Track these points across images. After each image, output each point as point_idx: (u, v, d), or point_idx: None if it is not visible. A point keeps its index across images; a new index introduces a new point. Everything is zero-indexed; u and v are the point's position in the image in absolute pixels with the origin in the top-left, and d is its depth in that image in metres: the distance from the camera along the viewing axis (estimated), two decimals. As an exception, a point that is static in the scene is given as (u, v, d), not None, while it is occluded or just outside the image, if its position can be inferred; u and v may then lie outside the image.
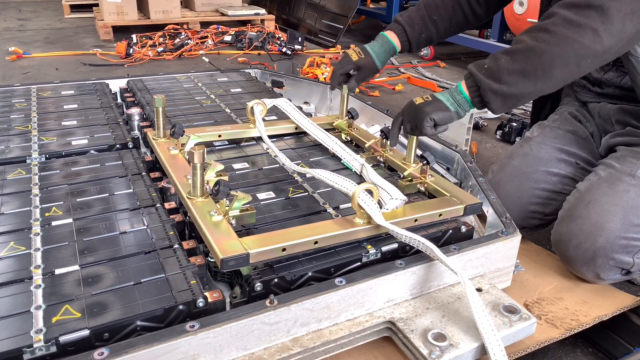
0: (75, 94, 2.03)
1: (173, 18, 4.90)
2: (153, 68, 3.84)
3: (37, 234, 1.11)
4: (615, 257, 1.27)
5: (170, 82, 2.22)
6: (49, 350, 0.83)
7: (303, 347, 0.95)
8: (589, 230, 1.28)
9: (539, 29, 1.15)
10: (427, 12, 1.62)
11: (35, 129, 1.66)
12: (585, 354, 1.29)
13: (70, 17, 5.83)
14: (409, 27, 1.62)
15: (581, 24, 1.10)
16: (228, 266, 0.98)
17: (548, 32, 1.13)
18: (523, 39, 1.17)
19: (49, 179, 1.35)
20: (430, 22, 1.63)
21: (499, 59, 1.18)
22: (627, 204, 1.29)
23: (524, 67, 1.15)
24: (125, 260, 1.04)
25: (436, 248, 1.03)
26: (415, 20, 1.63)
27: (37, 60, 4.03)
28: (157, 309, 0.91)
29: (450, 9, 1.62)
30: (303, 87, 2.35)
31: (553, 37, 1.12)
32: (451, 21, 1.64)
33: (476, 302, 0.96)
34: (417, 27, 1.63)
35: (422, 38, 1.65)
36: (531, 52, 1.15)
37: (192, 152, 1.10)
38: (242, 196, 1.11)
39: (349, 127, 1.70)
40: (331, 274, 1.06)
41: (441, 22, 1.63)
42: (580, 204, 1.35)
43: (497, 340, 0.92)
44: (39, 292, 0.93)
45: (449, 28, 1.65)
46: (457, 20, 1.64)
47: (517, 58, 1.16)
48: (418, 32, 1.63)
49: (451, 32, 1.67)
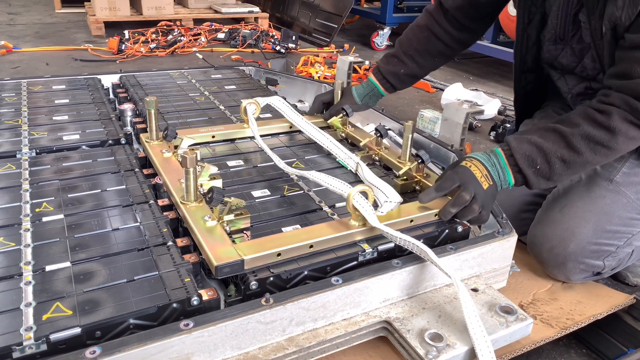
0: (66, 88, 2.00)
1: (166, 14, 4.86)
2: (145, 64, 3.80)
3: (28, 230, 1.08)
4: (586, 261, 1.29)
5: (164, 78, 2.19)
6: (39, 348, 0.81)
7: (298, 347, 0.94)
8: (561, 235, 1.30)
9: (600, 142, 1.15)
10: (402, 49, 1.63)
11: (26, 123, 1.63)
12: (579, 355, 1.30)
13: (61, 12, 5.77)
14: (385, 65, 1.65)
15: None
16: (222, 273, 0.97)
17: (609, 149, 1.16)
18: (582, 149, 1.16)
19: (39, 174, 1.32)
20: (407, 57, 1.62)
21: (553, 163, 1.17)
22: (601, 210, 1.30)
23: (576, 172, 1.21)
24: (117, 257, 1.02)
25: (430, 251, 1.02)
26: (390, 60, 1.65)
27: (27, 54, 3.98)
28: (151, 307, 0.89)
29: (425, 41, 1.61)
30: (297, 85, 2.34)
31: (611, 153, 1.17)
32: (431, 53, 1.62)
33: (469, 306, 0.95)
34: (392, 66, 1.64)
35: (402, 75, 1.64)
36: (588, 165, 1.19)
37: (185, 156, 1.09)
38: (235, 202, 1.09)
39: (344, 125, 1.69)
40: (327, 272, 1.05)
41: (419, 56, 1.62)
42: (556, 207, 1.36)
43: (488, 346, 0.91)
44: (29, 289, 0.91)
45: (430, 60, 1.64)
46: (438, 50, 1.62)
47: (572, 167, 1.18)
48: (394, 71, 1.64)
49: (437, 62, 1.67)
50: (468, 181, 1.16)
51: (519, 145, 1.19)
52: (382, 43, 4.82)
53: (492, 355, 0.90)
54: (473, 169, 1.18)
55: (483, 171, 1.18)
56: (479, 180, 1.17)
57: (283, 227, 1.16)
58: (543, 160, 1.18)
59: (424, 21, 1.62)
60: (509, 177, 1.20)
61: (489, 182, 1.18)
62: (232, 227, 1.10)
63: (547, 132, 1.20)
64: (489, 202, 1.18)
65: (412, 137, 1.40)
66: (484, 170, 1.18)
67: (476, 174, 1.17)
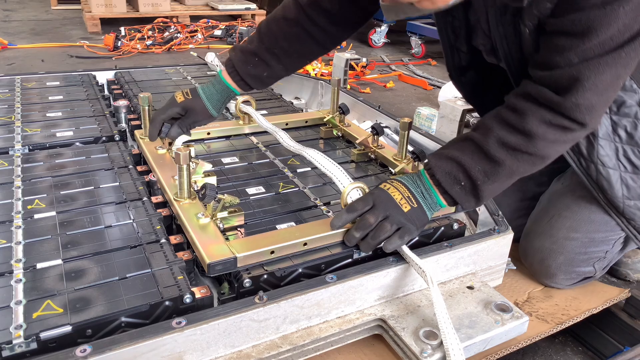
0: (60, 85, 1.99)
1: (162, 11, 4.84)
2: (141, 61, 3.78)
3: (19, 227, 1.07)
4: (577, 270, 1.28)
5: (159, 74, 2.18)
6: (29, 346, 0.80)
7: (292, 345, 0.93)
8: (550, 247, 1.28)
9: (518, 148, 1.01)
10: (265, 44, 1.33)
11: (19, 120, 1.62)
12: (575, 353, 1.29)
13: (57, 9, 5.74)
14: (243, 65, 1.34)
15: (564, 141, 1.04)
16: (215, 270, 0.96)
17: (532, 155, 1.02)
18: (501, 158, 1.02)
19: (32, 171, 1.31)
20: (272, 57, 1.33)
21: (475, 178, 1.04)
22: (587, 218, 1.27)
23: (504, 183, 1.07)
24: (110, 254, 1.01)
25: (407, 249, 1.04)
26: (249, 58, 1.33)
27: (22, 51, 3.95)
28: (143, 305, 0.88)
29: (294, 39, 1.33)
30: (294, 82, 2.33)
31: (537, 159, 1.04)
32: (301, 53, 1.37)
33: (440, 307, 0.94)
34: (253, 66, 1.33)
35: (265, 78, 1.36)
36: (515, 174, 1.06)
37: (179, 153, 1.08)
38: (229, 199, 1.08)
39: (340, 123, 1.68)
40: (322, 270, 1.04)
41: (287, 56, 1.34)
42: (544, 218, 1.33)
43: (459, 345, 0.90)
44: (19, 287, 0.90)
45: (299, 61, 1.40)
46: (309, 50, 1.37)
47: (497, 179, 1.04)
48: (256, 73, 1.34)
49: (305, 62, 1.44)
50: (380, 203, 1.05)
51: (438, 163, 1.07)
52: (379, 40, 4.81)
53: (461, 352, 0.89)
54: (391, 190, 1.07)
55: (405, 193, 1.07)
56: (398, 203, 1.05)
57: (277, 224, 1.15)
58: (465, 177, 1.05)
59: (293, 14, 1.31)
60: (437, 199, 1.08)
61: (412, 204, 1.06)
62: (225, 225, 1.09)
63: (464, 142, 1.07)
64: (410, 224, 1.05)
65: (409, 134, 1.39)
66: (405, 192, 1.07)
67: (394, 196, 1.06)
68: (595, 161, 1.20)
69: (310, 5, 1.30)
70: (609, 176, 1.20)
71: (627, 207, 1.22)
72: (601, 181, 1.21)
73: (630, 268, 1.45)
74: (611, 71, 0.96)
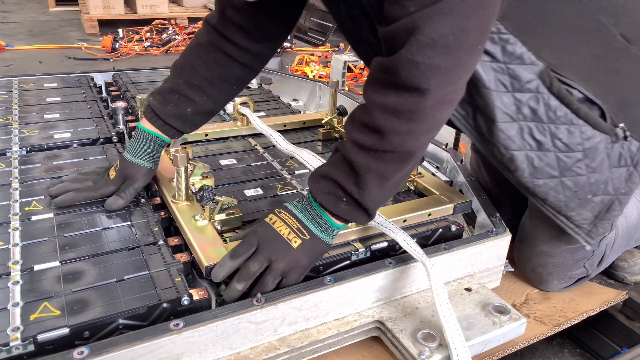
0: (58, 86, 1.99)
1: (160, 13, 4.84)
2: (139, 63, 3.78)
3: (16, 229, 1.07)
4: (569, 273, 1.27)
5: (157, 76, 2.18)
6: (26, 349, 0.79)
7: (290, 347, 0.93)
8: (538, 256, 1.27)
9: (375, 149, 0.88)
10: (182, 78, 1.18)
11: (17, 121, 1.61)
12: (573, 355, 1.29)
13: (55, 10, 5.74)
14: (162, 107, 1.17)
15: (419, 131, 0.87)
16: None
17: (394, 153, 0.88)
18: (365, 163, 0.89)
19: (29, 173, 1.31)
20: (193, 90, 1.16)
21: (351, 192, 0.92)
22: None
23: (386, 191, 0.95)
24: (107, 256, 1.01)
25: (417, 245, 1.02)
26: (167, 97, 1.17)
27: (20, 53, 3.95)
28: (140, 307, 0.88)
29: (214, 65, 1.16)
30: (292, 83, 2.33)
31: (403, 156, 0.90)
32: (225, 79, 1.19)
33: (443, 304, 0.94)
34: (173, 105, 1.17)
35: (191, 115, 1.18)
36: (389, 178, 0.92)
37: (176, 155, 1.08)
38: (227, 201, 1.08)
39: (338, 124, 1.68)
40: (320, 272, 1.04)
41: (210, 86, 1.18)
42: (529, 225, 1.31)
43: (463, 342, 0.90)
44: (16, 289, 0.90)
45: (227, 88, 1.21)
46: (234, 74, 1.19)
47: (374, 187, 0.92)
48: (178, 112, 1.17)
49: (236, 90, 1.24)
50: (264, 244, 0.94)
51: (316, 185, 0.95)
52: (377, 42, 4.82)
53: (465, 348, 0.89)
54: (277, 224, 0.95)
55: (294, 225, 0.95)
56: (285, 239, 0.94)
57: (275, 226, 1.15)
58: (343, 193, 0.92)
59: (206, 38, 1.17)
60: (330, 222, 0.96)
61: (304, 236, 0.94)
62: (223, 227, 1.09)
63: (335, 154, 0.95)
64: (300, 263, 0.95)
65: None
66: (295, 223, 0.95)
67: (281, 231, 0.94)
68: (497, 145, 1.06)
69: (222, 24, 1.15)
70: (514, 158, 1.07)
71: (537, 186, 1.10)
72: (506, 163, 1.09)
73: (627, 271, 1.45)
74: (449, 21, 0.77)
